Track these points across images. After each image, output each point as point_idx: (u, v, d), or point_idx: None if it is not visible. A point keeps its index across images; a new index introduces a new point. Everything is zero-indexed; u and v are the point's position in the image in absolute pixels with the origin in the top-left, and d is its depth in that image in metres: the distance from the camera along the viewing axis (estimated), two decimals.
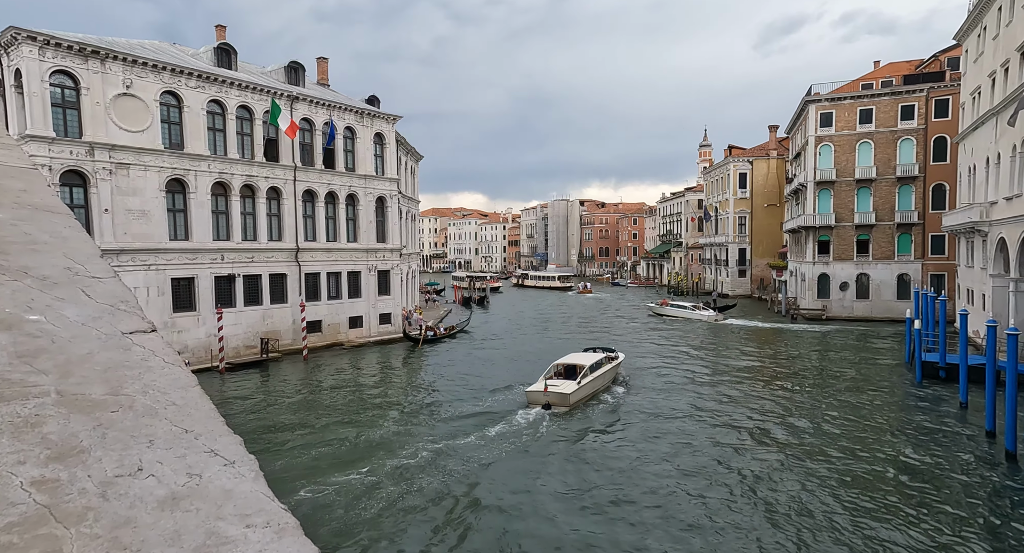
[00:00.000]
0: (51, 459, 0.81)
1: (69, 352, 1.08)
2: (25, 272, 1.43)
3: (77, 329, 1.18)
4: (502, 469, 14.37)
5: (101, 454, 0.84)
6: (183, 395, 1.02)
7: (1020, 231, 22.53)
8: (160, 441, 0.89)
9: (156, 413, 0.96)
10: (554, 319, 47.71)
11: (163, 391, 1.02)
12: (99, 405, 0.94)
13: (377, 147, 35.69)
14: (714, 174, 69.52)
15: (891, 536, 10.92)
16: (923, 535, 10.95)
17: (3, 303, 1.22)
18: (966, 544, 10.62)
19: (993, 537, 10.90)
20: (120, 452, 0.85)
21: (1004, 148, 25.10)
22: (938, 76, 42.57)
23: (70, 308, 1.28)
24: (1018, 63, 23.69)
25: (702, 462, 14.84)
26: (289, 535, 0.76)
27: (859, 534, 11.05)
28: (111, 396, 0.98)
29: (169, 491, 0.80)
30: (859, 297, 43.65)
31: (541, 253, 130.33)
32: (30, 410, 0.89)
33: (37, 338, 1.10)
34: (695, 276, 74.32)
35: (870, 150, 43.30)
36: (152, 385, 1.03)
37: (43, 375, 1.00)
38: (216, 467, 0.86)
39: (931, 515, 11.76)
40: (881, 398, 21.15)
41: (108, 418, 0.91)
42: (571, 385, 19.49)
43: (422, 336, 33.66)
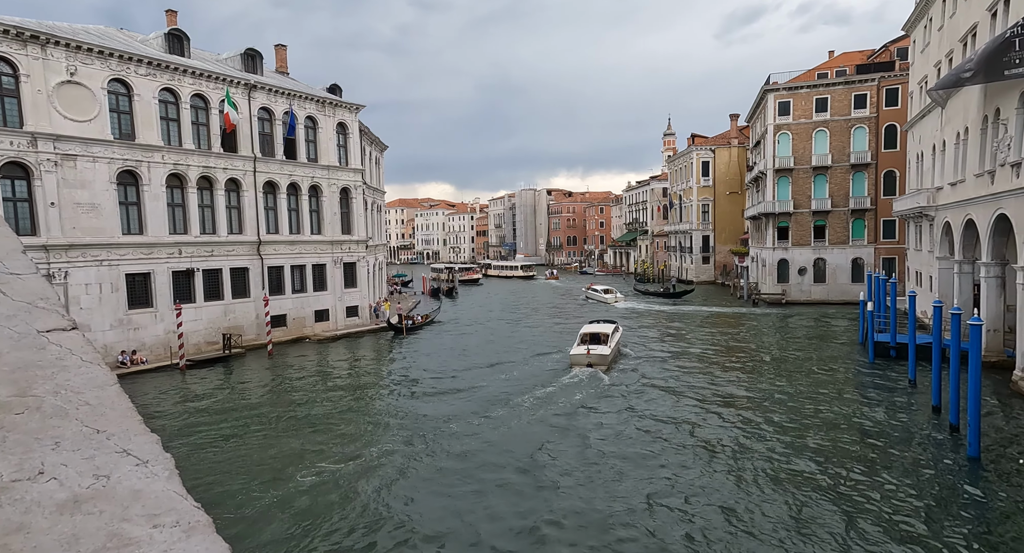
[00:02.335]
0: None
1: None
2: None
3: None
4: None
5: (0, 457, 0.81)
6: (98, 394, 0.99)
7: (963, 215, 23.59)
8: (67, 443, 0.86)
9: (67, 414, 0.93)
10: (520, 305, 50.21)
11: (76, 391, 0.99)
12: (5, 407, 0.91)
13: (340, 137, 35.00)
14: (678, 163, 70.55)
15: (845, 499, 11.44)
16: (874, 500, 11.50)
17: None
18: (913, 504, 11.20)
19: (935, 501, 11.52)
20: (20, 456, 0.82)
21: (949, 136, 26.17)
22: (888, 66, 44.01)
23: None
24: (961, 54, 24.66)
25: (679, 415, 15.28)
26: (199, 533, 0.75)
27: (814, 495, 11.54)
28: (17, 398, 0.94)
29: (71, 494, 0.77)
30: (816, 281, 45.14)
31: (509, 243, 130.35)
32: None
33: None
34: (661, 263, 75.56)
35: (826, 138, 44.58)
36: (65, 385, 1.00)
37: None
38: (127, 467, 0.84)
39: (881, 484, 12.33)
40: (836, 376, 21.99)
41: (10, 420, 0.88)
42: (605, 349, 23.70)
43: (403, 325, 34.25)
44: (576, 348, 23.95)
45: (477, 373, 23.77)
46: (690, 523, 11.20)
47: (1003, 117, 20.15)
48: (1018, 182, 18.60)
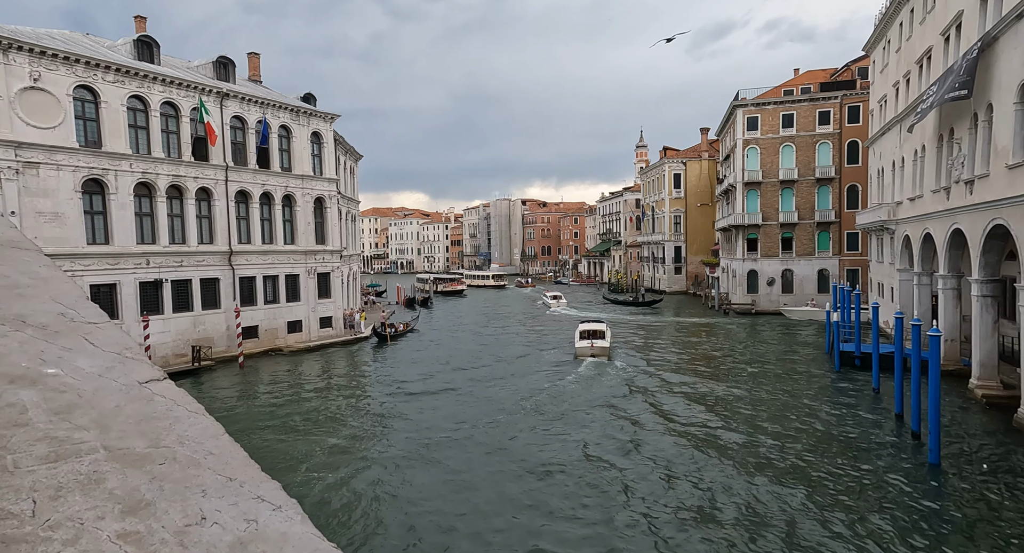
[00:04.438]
0: (124, 513, 0.84)
1: (99, 406, 1.09)
2: (22, 321, 1.40)
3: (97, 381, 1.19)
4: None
5: (166, 506, 0.87)
6: (216, 444, 1.06)
7: (922, 229, 24.61)
8: (211, 490, 0.93)
9: (198, 463, 0.99)
10: (492, 313, 51.57)
11: (197, 441, 1.06)
12: (146, 458, 0.97)
13: (314, 146, 34.73)
14: (650, 174, 71.80)
15: (810, 505, 11.77)
16: (839, 507, 11.86)
17: (16, 357, 1.20)
18: (877, 511, 11.59)
19: (898, 507, 11.93)
20: (180, 503, 0.88)
21: (908, 153, 27.31)
22: (850, 84, 45.74)
23: (81, 359, 1.28)
24: (918, 75, 25.85)
25: (647, 424, 15.51)
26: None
27: (779, 500, 11.84)
28: (153, 449, 1.00)
29: (235, 537, 0.84)
30: (784, 291, 46.34)
31: (484, 252, 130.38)
32: (87, 467, 0.91)
33: (63, 393, 1.10)
34: (634, 273, 76.53)
35: (792, 153, 46.02)
36: (186, 436, 1.07)
37: (85, 431, 1.01)
38: (267, 512, 0.91)
39: (846, 490, 12.73)
40: (804, 385, 22.59)
41: (159, 471, 0.95)
42: (605, 342, 28.64)
43: (387, 333, 35.00)
44: (580, 342, 28.78)
45: (472, 374, 25.39)
46: (654, 527, 11.38)
47: (957, 136, 21.17)
48: (971, 199, 19.52)
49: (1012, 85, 16.80)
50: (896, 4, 28.51)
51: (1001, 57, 17.57)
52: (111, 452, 0.96)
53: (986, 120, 18.70)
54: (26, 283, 1.69)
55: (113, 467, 0.93)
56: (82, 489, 0.87)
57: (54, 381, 1.14)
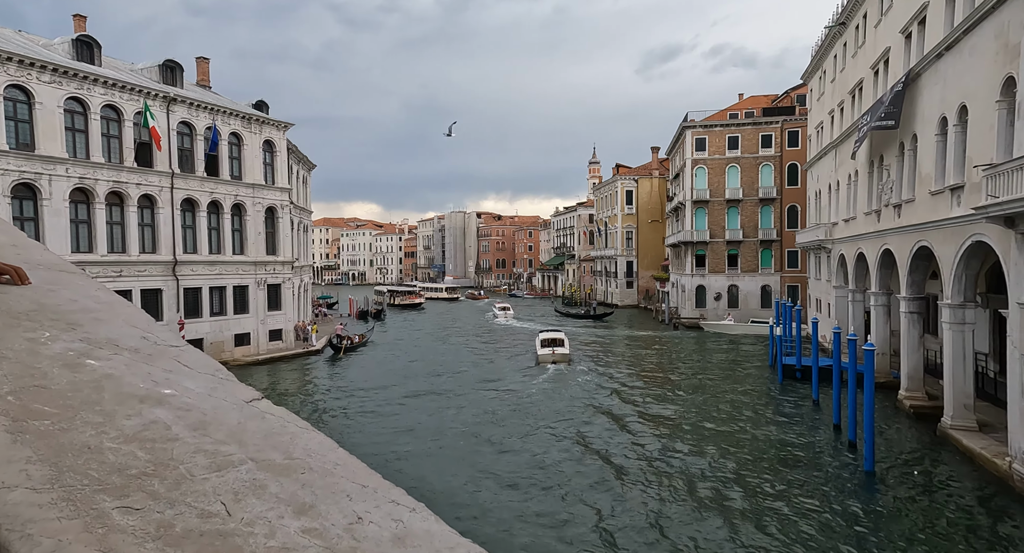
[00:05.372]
0: (297, 513, 0.89)
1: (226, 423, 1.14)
2: (115, 344, 1.42)
3: (211, 400, 1.23)
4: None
5: (326, 508, 0.93)
6: (336, 456, 1.13)
7: (856, 249, 26.19)
8: (354, 495, 0.99)
9: (331, 472, 1.05)
10: (447, 325, 51.85)
11: (321, 453, 1.12)
12: (288, 468, 1.03)
13: (267, 155, 33.89)
14: (603, 191, 73.47)
15: (751, 513, 12.25)
16: (779, 514, 12.39)
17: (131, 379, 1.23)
18: (815, 517, 12.18)
19: (835, 513, 12.58)
20: (335, 506, 0.94)
21: (842, 176, 29.09)
22: (789, 110, 48.42)
23: (186, 380, 1.32)
24: (851, 104, 27.66)
25: (596, 432, 15.74)
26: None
27: (722, 507, 12.28)
28: (289, 460, 1.06)
29: (392, 533, 0.91)
30: (730, 306, 48.15)
31: (439, 265, 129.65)
32: (246, 475, 0.97)
33: (190, 411, 1.14)
34: (587, 287, 77.78)
35: (737, 173, 48.17)
36: (310, 449, 1.12)
37: (226, 445, 1.05)
38: (406, 513, 0.98)
39: (786, 498, 13.31)
40: (749, 396, 23.49)
41: (305, 479, 1.00)
42: (565, 349, 31.18)
43: (343, 345, 34.87)
44: (542, 350, 31.28)
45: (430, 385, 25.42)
46: (597, 530, 11.59)
47: (886, 163, 22.74)
48: (899, 222, 20.97)
49: (933, 118, 18.25)
50: (831, 37, 30.49)
51: (924, 92, 19.08)
52: (257, 463, 1.03)
53: (911, 149, 20.19)
54: (95, 307, 1.70)
55: (267, 475, 0.99)
56: (254, 493, 0.93)
57: (176, 401, 1.19)
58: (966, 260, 16.45)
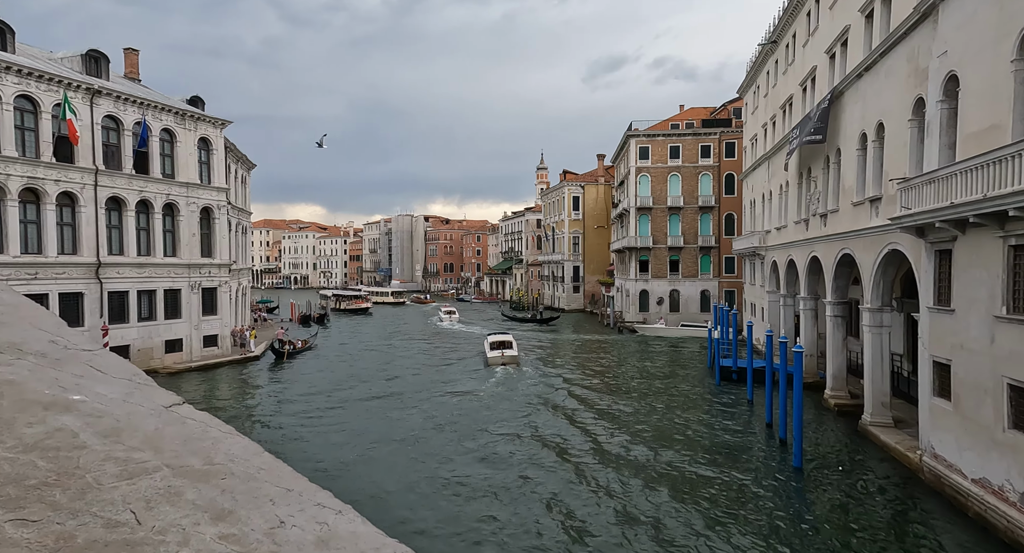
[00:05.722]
0: (215, 519, 0.89)
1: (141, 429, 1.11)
2: (19, 348, 1.33)
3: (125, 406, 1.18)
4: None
5: (246, 514, 0.92)
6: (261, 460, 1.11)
7: (786, 256, 27.61)
8: (278, 500, 0.99)
9: (255, 477, 1.04)
10: (392, 329, 50.74)
11: (244, 458, 1.10)
12: (208, 474, 1.01)
13: (202, 153, 32.42)
14: (551, 196, 74.40)
15: (687, 507, 12.69)
16: (714, 508, 12.89)
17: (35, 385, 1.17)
18: (748, 510, 12.74)
19: (767, 506, 13.20)
20: (257, 510, 0.94)
21: (775, 187, 30.64)
22: (726, 122, 50.61)
23: (98, 386, 1.26)
24: (782, 118, 29.21)
25: (542, 431, 15.90)
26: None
27: (659, 502, 12.67)
28: (210, 466, 1.04)
29: (316, 536, 0.91)
30: (672, 310, 49.70)
31: (385, 268, 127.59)
32: (161, 482, 0.95)
33: (101, 418, 1.10)
34: (535, 292, 78.41)
35: (679, 182, 49.88)
36: (232, 454, 1.10)
37: (140, 451, 1.03)
38: (332, 515, 0.98)
39: (721, 493, 13.87)
40: (688, 398, 24.30)
41: (225, 485, 0.99)
42: (515, 351, 32.20)
43: (284, 350, 34.26)
44: (492, 352, 31.88)
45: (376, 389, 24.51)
46: (531, 529, 11.74)
47: (814, 175, 24.12)
48: (825, 230, 22.28)
49: (855, 134, 19.52)
50: (764, 55, 32.12)
51: (846, 109, 20.38)
52: (174, 469, 1.01)
53: (836, 162, 21.51)
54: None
55: (183, 482, 0.98)
56: (167, 501, 0.92)
57: (86, 407, 1.15)
58: (883, 267, 17.66)
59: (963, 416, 12.75)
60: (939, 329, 13.97)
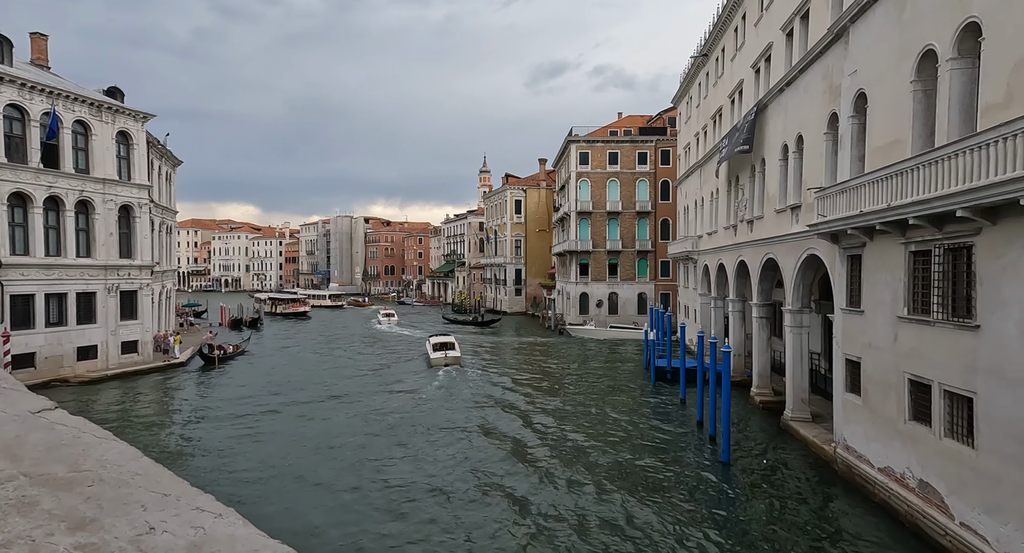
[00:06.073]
0: (72, 529, 0.85)
1: None
2: None
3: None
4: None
5: (111, 521, 0.88)
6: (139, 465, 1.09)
7: (717, 260, 28.85)
8: (151, 505, 0.95)
9: (128, 483, 1.01)
10: (330, 333, 49.47)
11: (118, 464, 1.07)
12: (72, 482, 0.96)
13: (121, 147, 30.44)
14: (493, 199, 74.62)
15: (623, 501, 13.02)
16: (648, 501, 13.28)
17: None
18: (680, 504, 13.19)
19: (696, 500, 13.71)
20: (125, 517, 0.90)
21: (706, 194, 31.96)
22: (662, 131, 52.43)
23: None
24: (713, 128, 30.54)
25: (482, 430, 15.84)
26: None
27: (592, 493, 12.93)
28: (76, 473, 1.00)
29: (188, 541, 0.88)
30: (611, 313, 50.89)
31: (323, 271, 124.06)
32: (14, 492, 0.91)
33: None
34: (477, 295, 78.33)
35: (617, 187, 51.20)
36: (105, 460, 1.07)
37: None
38: (210, 519, 0.96)
39: (655, 488, 14.30)
40: (624, 397, 24.90)
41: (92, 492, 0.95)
42: (457, 352, 32.52)
43: (215, 355, 32.95)
44: (435, 354, 32.22)
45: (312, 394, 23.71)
46: (472, 528, 11.74)
47: (741, 183, 25.33)
48: (752, 236, 23.43)
49: (777, 145, 20.65)
50: (695, 67, 33.49)
51: (770, 121, 21.54)
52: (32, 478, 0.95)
53: (761, 171, 22.68)
54: None
55: (41, 491, 0.94)
56: (18, 511, 0.88)
57: None
58: (803, 271, 18.74)
59: (871, 410, 13.70)
60: (851, 329, 14.95)
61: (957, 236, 10.52)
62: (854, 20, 14.68)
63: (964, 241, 10.38)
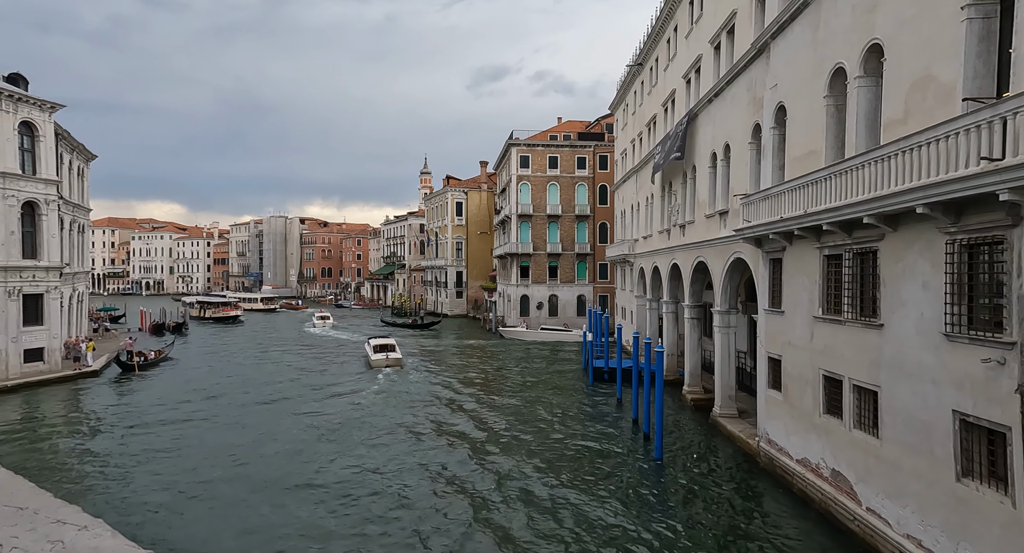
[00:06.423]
0: None
1: None
2: None
3: None
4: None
5: None
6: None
7: (652, 263, 29.76)
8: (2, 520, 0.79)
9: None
10: (262, 337, 47.79)
11: None
12: None
13: (24, 139, 28.07)
14: (434, 201, 73.97)
15: (560, 498, 13.18)
16: (584, 497, 13.50)
17: None
18: (614, 499, 13.48)
19: (630, 494, 14.07)
20: None
21: (642, 199, 32.93)
22: (600, 136, 53.66)
23: None
24: (647, 135, 31.52)
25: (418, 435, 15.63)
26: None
27: (530, 490, 13.04)
28: None
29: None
30: (551, 315, 51.52)
31: (255, 273, 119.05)
32: None
33: None
34: (418, 297, 77.34)
35: (557, 191, 51.95)
36: None
37: None
38: (72, 532, 0.84)
39: (591, 484, 14.56)
40: (563, 398, 25.23)
41: None
42: (398, 354, 33.04)
43: (135, 362, 31.10)
44: (376, 355, 32.40)
45: (240, 399, 21.72)
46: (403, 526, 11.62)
47: (674, 189, 26.26)
48: (684, 240, 24.33)
49: (707, 153, 21.55)
50: (631, 76, 34.49)
51: (700, 130, 22.46)
52: None
53: (692, 178, 23.59)
54: None
55: None
56: None
57: None
58: (730, 273, 19.63)
59: (790, 405, 14.50)
60: (772, 329, 15.78)
61: (864, 241, 11.32)
62: (774, 37, 15.54)
63: (870, 246, 11.17)
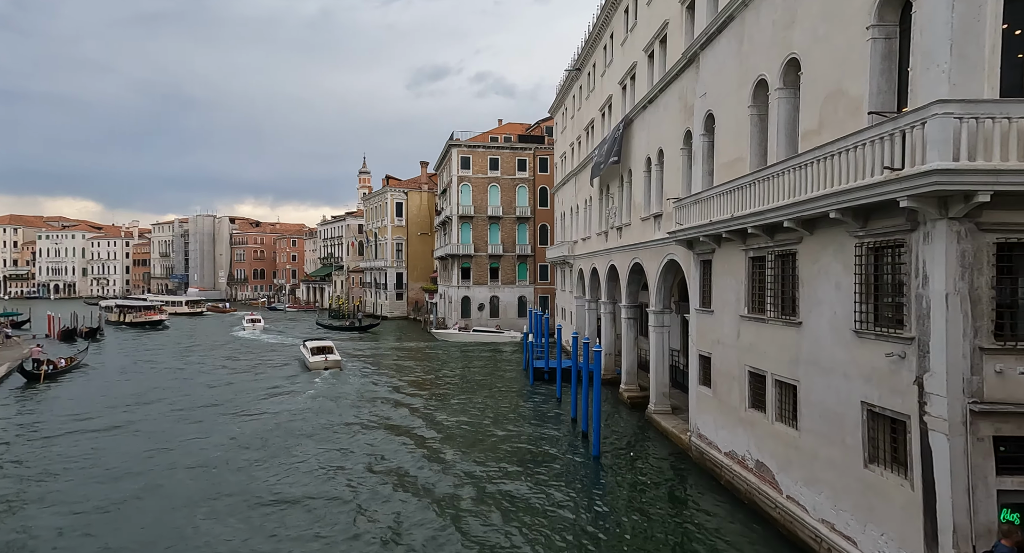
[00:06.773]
0: None
1: None
2: None
3: None
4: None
5: None
6: None
7: (590, 264, 30.36)
8: None
9: None
10: (186, 342, 46.02)
11: None
12: None
13: None
14: (373, 201, 72.53)
15: (501, 496, 13.22)
16: (524, 496, 13.60)
17: None
18: (553, 495, 13.64)
19: (568, 491, 14.29)
20: None
21: (581, 201, 33.55)
22: (540, 139, 54.33)
23: None
24: (586, 138, 32.16)
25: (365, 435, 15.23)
26: None
27: (467, 489, 13.03)
28: None
29: None
30: (492, 316, 51.60)
31: (180, 275, 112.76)
32: None
33: None
34: (356, 299, 75.56)
35: (498, 192, 52.13)
36: None
37: None
38: None
39: (531, 482, 14.68)
40: (503, 398, 25.32)
41: None
42: (337, 356, 32.64)
43: (42, 371, 28.90)
44: (314, 358, 32.03)
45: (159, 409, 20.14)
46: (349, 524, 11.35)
47: (612, 192, 26.91)
48: (621, 242, 24.96)
49: (642, 158, 22.22)
50: (570, 80, 35.09)
51: (635, 135, 23.12)
52: None
53: (628, 182, 24.25)
54: None
55: None
56: None
57: None
58: (664, 274, 20.30)
59: (719, 400, 15.16)
60: (703, 327, 16.45)
61: (785, 244, 11.99)
62: (703, 47, 16.22)
63: (790, 248, 11.85)
